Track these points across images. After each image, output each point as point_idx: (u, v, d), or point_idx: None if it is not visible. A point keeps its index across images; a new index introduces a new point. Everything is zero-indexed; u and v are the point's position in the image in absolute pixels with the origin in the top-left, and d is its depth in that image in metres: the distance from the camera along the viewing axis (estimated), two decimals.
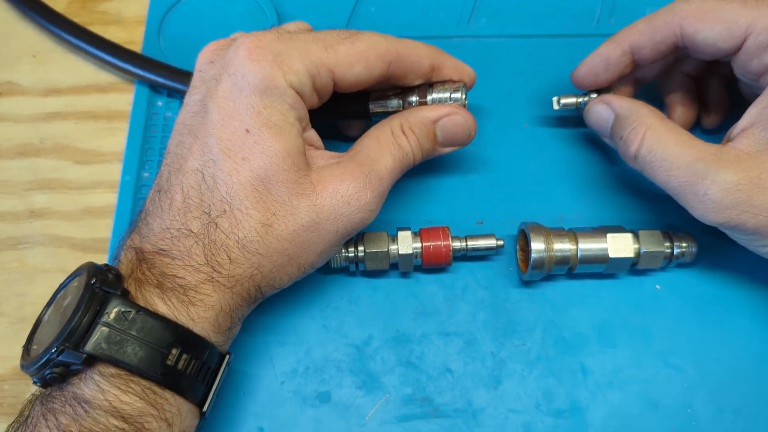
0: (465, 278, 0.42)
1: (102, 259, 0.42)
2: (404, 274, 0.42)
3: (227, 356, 0.35)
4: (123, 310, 0.30)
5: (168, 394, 0.31)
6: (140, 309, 0.31)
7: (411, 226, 0.41)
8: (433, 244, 0.40)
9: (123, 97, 0.48)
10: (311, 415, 0.38)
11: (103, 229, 0.44)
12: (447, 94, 0.39)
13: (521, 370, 0.39)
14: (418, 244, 0.40)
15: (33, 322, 0.41)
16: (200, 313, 0.32)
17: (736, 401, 0.38)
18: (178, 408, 0.32)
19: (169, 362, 0.31)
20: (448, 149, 0.40)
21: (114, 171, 0.46)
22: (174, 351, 0.31)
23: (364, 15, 0.49)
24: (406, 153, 0.37)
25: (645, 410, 0.38)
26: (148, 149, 0.46)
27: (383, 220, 0.43)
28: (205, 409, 0.33)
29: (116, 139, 0.47)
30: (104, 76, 0.49)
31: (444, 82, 0.39)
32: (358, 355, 0.40)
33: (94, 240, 0.44)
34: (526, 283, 0.41)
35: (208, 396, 0.33)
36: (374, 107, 0.40)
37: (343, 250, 0.40)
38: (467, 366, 0.39)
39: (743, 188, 0.33)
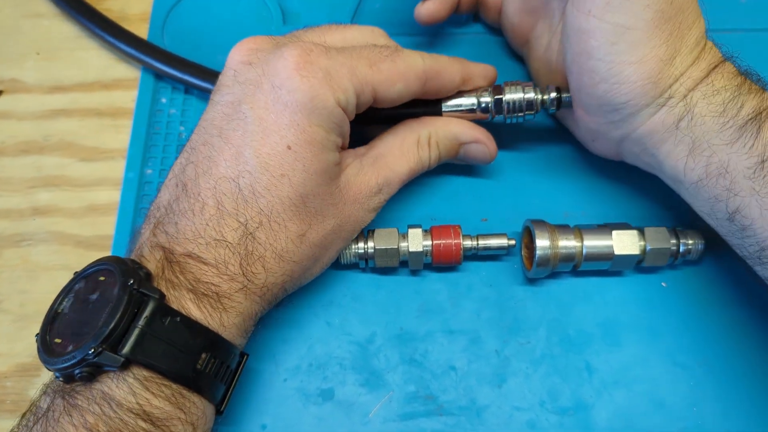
0: (469, 276, 0.41)
1: (105, 255, 0.43)
2: (413, 272, 0.41)
3: (245, 357, 0.35)
4: (160, 314, 0.30)
5: (195, 398, 0.31)
6: (177, 314, 0.31)
7: (415, 222, 0.41)
8: (443, 242, 0.39)
9: (127, 95, 0.48)
10: (314, 413, 0.38)
11: (107, 227, 0.44)
12: (521, 95, 0.39)
13: (526, 368, 0.39)
14: (429, 242, 0.39)
15: (35, 320, 0.42)
16: (231, 320, 0.33)
17: (743, 400, 0.38)
18: (203, 410, 0.32)
19: (199, 366, 0.31)
20: (462, 163, 0.42)
21: (118, 168, 0.46)
22: (204, 355, 0.31)
23: (369, 10, 0.49)
24: (422, 165, 0.39)
25: (651, 409, 0.38)
26: (151, 146, 0.46)
27: (387, 217, 0.43)
28: (222, 408, 0.34)
29: (120, 136, 0.47)
30: (109, 74, 0.49)
31: (516, 83, 0.39)
32: (362, 353, 0.39)
33: (97, 237, 0.44)
34: (531, 281, 0.41)
35: (226, 396, 0.34)
36: (447, 108, 0.40)
37: (353, 246, 0.39)
38: (471, 364, 0.39)
39: None
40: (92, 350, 0.29)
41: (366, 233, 0.40)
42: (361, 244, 0.40)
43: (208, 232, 0.32)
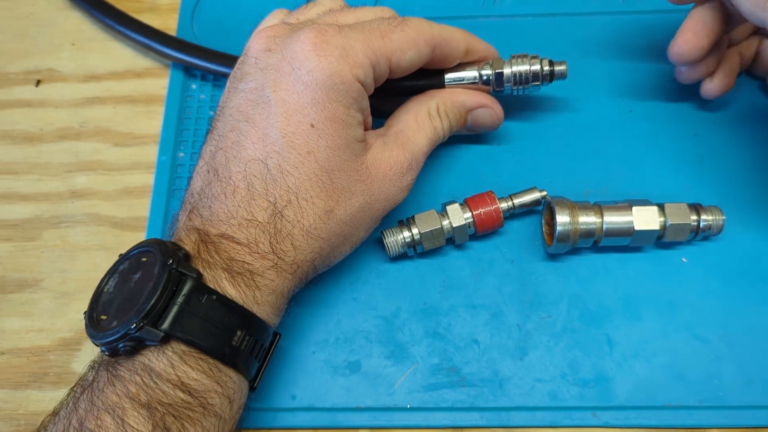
0: (491, 252, 0.42)
1: (140, 236, 0.45)
2: (458, 246, 0.42)
3: (278, 336, 0.37)
4: (197, 292, 0.32)
5: (232, 373, 0.33)
6: (213, 293, 0.32)
7: (434, 207, 0.42)
8: (483, 210, 0.41)
9: (159, 82, 0.50)
10: (341, 384, 0.40)
11: (141, 208, 0.46)
12: (527, 67, 0.40)
13: (547, 341, 0.40)
14: (469, 214, 0.41)
15: (75, 297, 0.44)
16: (264, 297, 0.34)
17: (764, 372, 0.39)
18: (239, 385, 0.33)
19: (234, 343, 0.32)
20: (472, 132, 0.43)
21: (151, 152, 0.47)
22: (239, 333, 0.33)
23: None
24: (438, 135, 0.40)
25: (671, 381, 0.39)
26: (183, 130, 0.47)
27: (412, 201, 0.43)
28: (255, 384, 0.35)
29: (153, 121, 0.48)
30: (141, 62, 0.51)
31: (522, 55, 0.40)
32: (387, 327, 0.41)
33: (132, 218, 0.46)
34: (552, 257, 0.42)
35: (259, 372, 0.35)
36: (449, 81, 0.40)
37: (399, 237, 0.41)
38: (494, 337, 0.40)
39: None
40: (134, 325, 0.30)
41: (406, 221, 0.41)
42: (406, 233, 0.41)
43: (240, 213, 0.34)
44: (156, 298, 0.31)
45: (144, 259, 0.33)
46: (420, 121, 0.39)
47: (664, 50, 0.47)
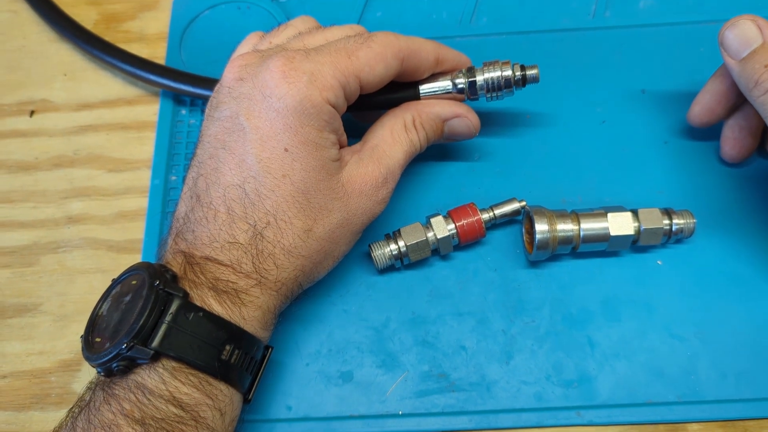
0: (475, 262, 0.44)
1: (136, 258, 0.46)
2: (443, 257, 0.44)
3: (270, 349, 0.38)
4: (184, 310, 0.33)
5: (222, 386, 0.34)
6: (200, 310, 0.34)
7: (419, 220, 0.43)
8: (466, 221, 0.42)
9: (150, 108, 0.51)
10: (335, 393, 0.41)
11: (136, 231, 0.47)
12: (499, 73, 0.41)
13: (531, 345, 0.42)
14: (452, 225, 0.42)
15: (74, 319, 0.45)
16: (251, 313, 0.35)
17: (738, 366, 0.40)
18: (230, 398, 0.35)
19: (223, 357, 0.34)
20: (449, 141, 0.44)
21: (144, 177, 0.49)
22: (228, 347, 0.34)
23: (371, 20, 0.52)
24: (414, 147, 0.41)
25: (651, 378, 0.40)
26: (174, 154, 0.49)
27: (393, 216, 0.46)
28: (250, 397, 0.37)
29: (145, 147, 0.50)
30: (132, 90, 0.52)
31: (494, 62, 0.41)
32: (377, 337, 0.42)
33: (128, 241, 0.47)
34: (533, 264, 0.44)
35: (253, 385, 0.37)
36: (424, 92, 0.41)
37: (387, 250, 0.42)
38: (480, 343, 0.42)
39: None
40: (125, 345, 0.32)
41: (393, 235, 0.43)
42: (392, 246, 0.42)
43: (221, 236, 0.35)
44: (145, 318, 0.32)
45: (134, 282, 0.35)
46: (396, 135, 0.40)
47: (634, 63, 0.49)
